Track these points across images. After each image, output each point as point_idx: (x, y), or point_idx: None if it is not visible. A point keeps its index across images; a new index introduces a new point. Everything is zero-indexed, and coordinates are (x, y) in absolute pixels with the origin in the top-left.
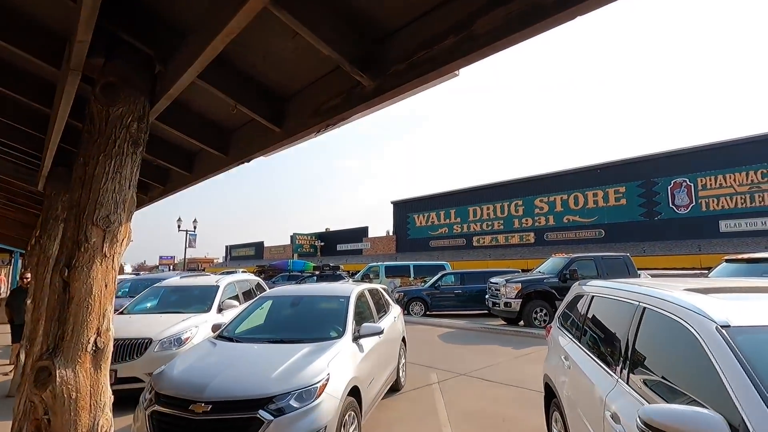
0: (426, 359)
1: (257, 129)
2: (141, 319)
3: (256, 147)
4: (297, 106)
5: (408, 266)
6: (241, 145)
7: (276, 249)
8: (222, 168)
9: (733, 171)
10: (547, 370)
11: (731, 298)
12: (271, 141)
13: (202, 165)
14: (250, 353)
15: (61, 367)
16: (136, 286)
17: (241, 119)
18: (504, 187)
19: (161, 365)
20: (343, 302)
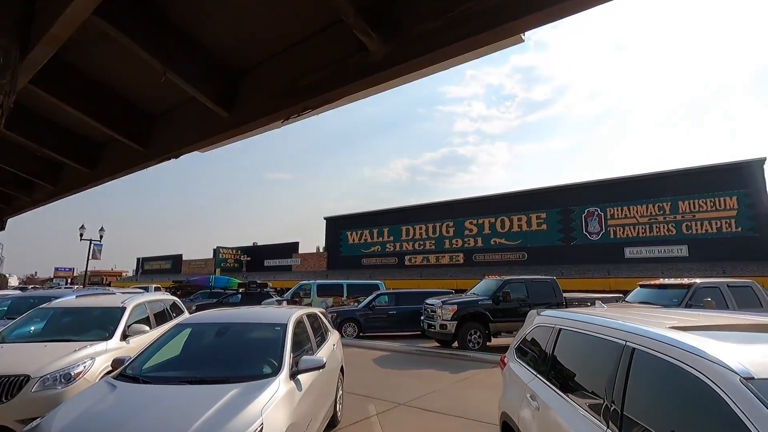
0: (362, 387)
1: (195, 113)
2: (18, 350)
3: (191, 137)
4: (258, 83)
5: (341, 285)
6: (170, 135)
7: (196, 263)
8: (138, 165)
9: (636, 203)
10: (506, 407)
11: (731, 340)
12: (213, 130)
13: (111, 160)
14: (161, 399)
15: None
16: (19, 306)
17: (172, 98)
18: (436, 208)
19: (41, 410)
20: (279, 331)
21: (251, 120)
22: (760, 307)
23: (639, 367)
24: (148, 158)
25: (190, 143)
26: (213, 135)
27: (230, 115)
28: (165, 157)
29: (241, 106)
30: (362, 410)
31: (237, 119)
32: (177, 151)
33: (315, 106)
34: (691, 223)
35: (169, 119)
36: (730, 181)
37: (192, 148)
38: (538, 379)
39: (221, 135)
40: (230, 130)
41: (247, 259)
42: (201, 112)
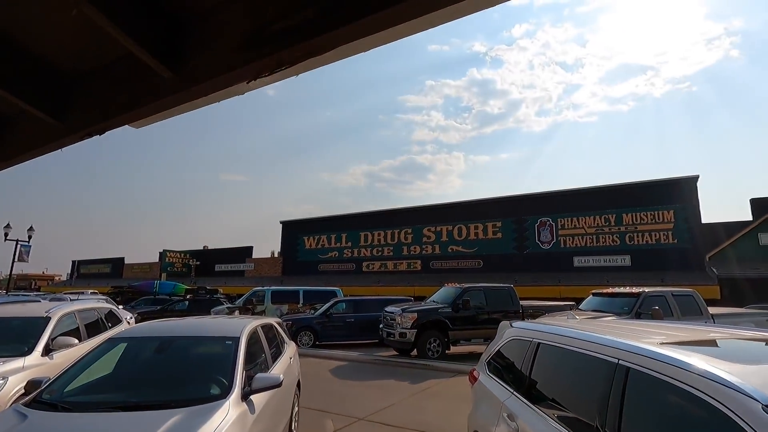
0: (319, 401)
1: (128, 73)
2: None
3: (122, 106)
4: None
5: (297, 291)
6: (93, 104)
7: (140, 267)
8: (52, 143)
9: (585, 215)
10: (478, 425)
11: (738, 360)
12: (152, 95)
13: (17, 138)
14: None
15: None
16: None
17: (94, 53)
18: (395, 215)
19: None
20: (231, 345)
21: (205, 80)
22: (701, 315)
23: (636, 389)
24: (64, 134)
25: (120, 113)
26: (152, 102)
27: (176, 76)
28: (86, 132)
29: (191, 63)
30: (319, 427)
31: (185, 80)
32: (103, 123)
33: (293, 59)
34: (633, 234)
35: (90, 84)
36: (667, 196)
37: (123, 120)
38: (516, 397)
39: (163, 101)
40: (176, 94)
41: (196, 264)
42: (136, 71)
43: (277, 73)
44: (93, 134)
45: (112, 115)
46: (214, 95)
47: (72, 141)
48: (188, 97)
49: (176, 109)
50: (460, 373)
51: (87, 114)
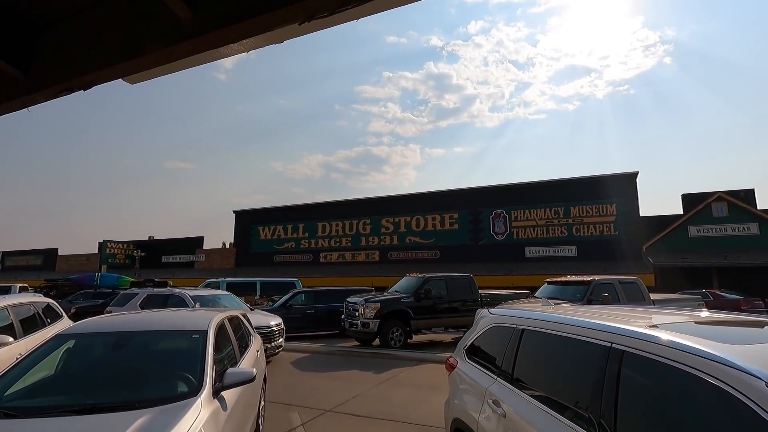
0: (283, 394)
1: (129, 11)
2: None
3: (116, 54)
4: None
5: (254, 283)
6: (74, 51)
7: (76, 259)
8: (14, 101)
9: (536, 207)
10: (459, 412)
11: (730, 340)
12: (161, 40)
13: None
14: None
15: None
16: None
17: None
18: (354, 205)
19: None
20: (198, 339)
21: (238, 20)
22: (644, 300)
23: (632, 372)
24: (32, 88)
25: (113, 62)
26: (159, 49)
27: (197, 15)
28: (65, 86)
29: None
30: (285, 421)
31: (209, 21)
32: (89, 75)
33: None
34: (580, 226)
35: (72, 25)
36: (611, 190)
37: (116, 72)
38: (501, 384)
39: (175, 48)
40: (194, 38)
41: (141, 255)
42: (140, 9)
43: (340, 13)
44: (74, 89)
45: (101, 65)
46: (247, 41)
47: (44, 98)
48: (210, 43)
49: (192, 59)
50: (424, 361)
51: (66, 64)
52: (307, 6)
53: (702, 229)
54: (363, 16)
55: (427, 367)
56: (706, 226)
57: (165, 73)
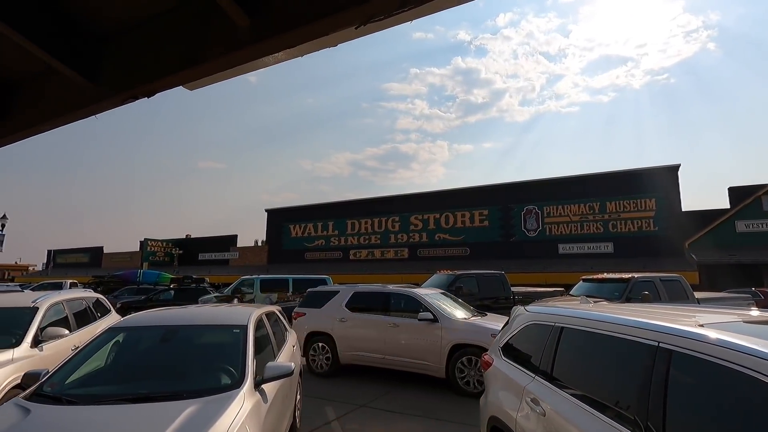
0: (315, 388)
1: (190, 22)
2: None
3: (177, 63)
4: None
5: (287, 280)
6: (137, 61)
7: (120, 256)
8: (83, 108)
9: (570, 203)
10: (496, 410)
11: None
12: (221, 47)
13: (41, 102)
14: (95, 425)
15: None
16: None
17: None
18: (382, 203)
19: None
20: (238, 334)
21: (296, 26)
22: (687, 299)
23: (682, 372)
24: (99, 97)
25: (174, 71)
26: (219, 57)
27: (256, 23)
28: (130, 94)
29: (279, 7)
30: (320, 414)
31: (268, 29)
32: (151, 84)
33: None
34: (617, 222)
35: (135, 38)
36: (649, 184)
37: (177, 80)
38: (540, 382)
39: (234, 56)
40: (253, 45)
41: (179, 253)
42: (201, 20)
43: (396, 15)
44: (138, 96)
45: (163, 74)
46: (303, 46)
47: (110, 105)
48: (266, 49)
49: (249, 65)
50: None
51: (130, 73)
52: (364, 10)
53: (751, 224)
54: (418, 17)
55: None
56: (756, 220)
57: (222, 80)
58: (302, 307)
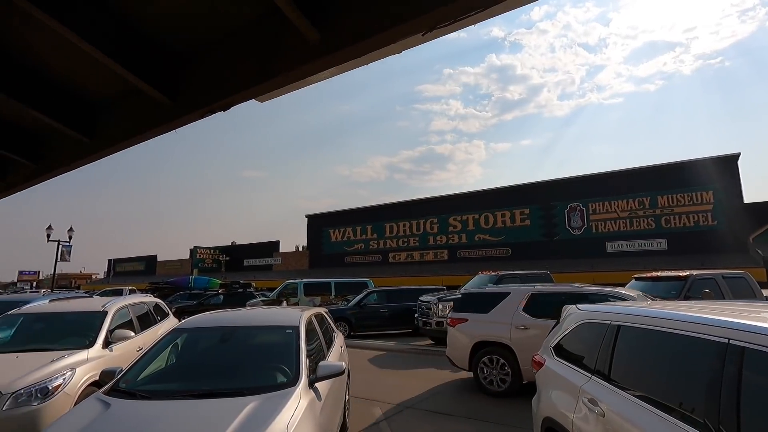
0: (363, 389)
1: (261, 39)
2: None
3: (250, 78)
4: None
5: (329, 283)
6: (212, 78)
7: (171, 264)
8: (164, 124)
9: (617, 198)
10: (550, 411)
11: None
12: (291, 62)
13: (124, 120)
14: (168, 418)
15: None
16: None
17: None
18: (420, 205)
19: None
20: (291, 334)
21: (365, 37)
22: (754, 298)
23: (756, 372)
24: (179, 113)
25: (248, 85)
26: (289, 70)
27: (325, 37)
28: (208, 109)
29: (348, 20)
30: (368, 414)
31: (337, 41)
32: (227, 99)
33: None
34: (670, 217)
35: (209, 56)
36: (705, 176)
37: (251, 94)
38: (596, 382)
39: (303, 69)
40: (322, 58)
41: (225, 259)
42: (272, 36)
43: (461, 20)
44: (216, 110)
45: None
46: (370, 55)
47: (189, 120)
48: (334, 60)
49: (317, 75)
50: None
51: (207, 89)
52: (431, 17)
53: None
54: (480, 21)
55: None
56: None
57: (291, 91)
58: (461, 312)
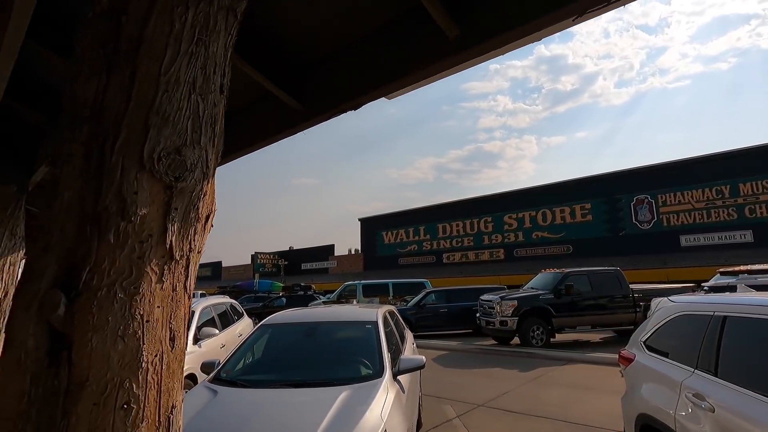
0: (431, 388)
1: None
2: None
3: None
4: None
5: (387, 284)
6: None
7: (235, 269)
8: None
9: (691, 188)
10: (647, 408)
11: None
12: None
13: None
14: (271, 404)
15: None
16: None
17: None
18: (473, 204)
19: None
20: (371, 329)
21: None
22: None
23: None
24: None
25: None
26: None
27: (465, 31)
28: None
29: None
30: (439, 412)
31: (478, 35)
32: (357, 99)
33: None
34: (755, 206)
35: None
36: None
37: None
38: (700, 376)
39: (437, 65)
40: (455, 55)
41: (284, 263)
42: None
43: (614, 3)
44: (346, 110)
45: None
46: (509, 46)
47: (318, 122)
48: (472, 55)
49: (451, 70)
50: (572, 361)
51: (337, 91)
52: (581, 3)
53: None
54: (629, 2)
55: (577, 368)
56: None
57: (422, 87)
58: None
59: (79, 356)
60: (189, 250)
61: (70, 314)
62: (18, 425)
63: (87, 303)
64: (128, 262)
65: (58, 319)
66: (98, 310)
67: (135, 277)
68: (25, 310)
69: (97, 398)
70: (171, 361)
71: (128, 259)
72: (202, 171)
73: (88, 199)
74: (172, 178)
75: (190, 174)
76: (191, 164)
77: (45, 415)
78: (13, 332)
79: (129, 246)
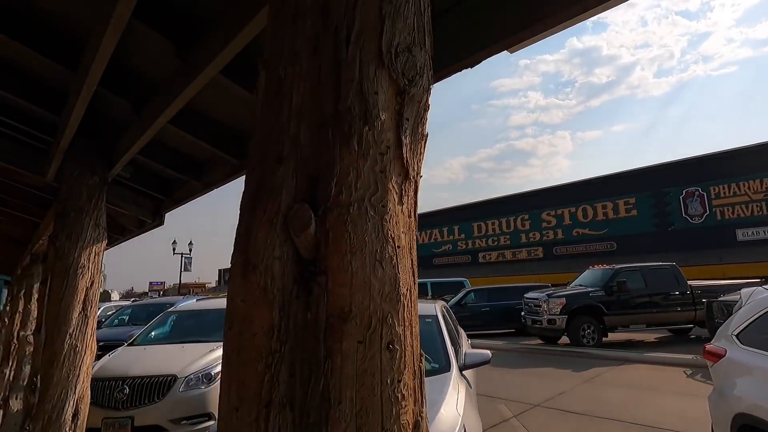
0: (481, 387)
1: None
2: (158, 351)
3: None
4: None
5: (425, 284)
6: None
7: None
8: None
9: (747, 179)
10: (746, 405)
11: None
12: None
13: None
14: None
15: None
16: (138, 314)
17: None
18: (508, 202)
19: (188, 410)
20: (431, 323)
21: None
22: None
23: None
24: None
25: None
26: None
27: None
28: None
29: None
30: (494, 411)
31: None
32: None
33: None
34: None
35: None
36: None
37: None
38: None
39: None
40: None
41: None
42: None
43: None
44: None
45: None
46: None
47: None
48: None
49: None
50: (628, 361)
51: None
52: None
53: None
54: None
55: (634, 368)
56: None
57: (545, 38)
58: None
59: (337, 283)
60: (417, 172)
61: (323, 233)
62: (271, 367)
63: (340, 220)
64: (372, 174)
65: (308, 238)
66: (353, 228)
67: (381, 194)
68: (267, 231)
69: (362, 335)
70: (415, 299)
71: (371, 172)
72: (427, 78)
73: (326, 100)
74: (406, 81)
75: (420, 79)
76: (420, 67)
77: (300, 355)
78: (257, 256)
79: (371, 157)
